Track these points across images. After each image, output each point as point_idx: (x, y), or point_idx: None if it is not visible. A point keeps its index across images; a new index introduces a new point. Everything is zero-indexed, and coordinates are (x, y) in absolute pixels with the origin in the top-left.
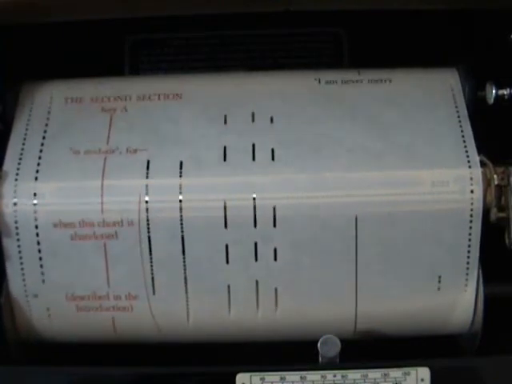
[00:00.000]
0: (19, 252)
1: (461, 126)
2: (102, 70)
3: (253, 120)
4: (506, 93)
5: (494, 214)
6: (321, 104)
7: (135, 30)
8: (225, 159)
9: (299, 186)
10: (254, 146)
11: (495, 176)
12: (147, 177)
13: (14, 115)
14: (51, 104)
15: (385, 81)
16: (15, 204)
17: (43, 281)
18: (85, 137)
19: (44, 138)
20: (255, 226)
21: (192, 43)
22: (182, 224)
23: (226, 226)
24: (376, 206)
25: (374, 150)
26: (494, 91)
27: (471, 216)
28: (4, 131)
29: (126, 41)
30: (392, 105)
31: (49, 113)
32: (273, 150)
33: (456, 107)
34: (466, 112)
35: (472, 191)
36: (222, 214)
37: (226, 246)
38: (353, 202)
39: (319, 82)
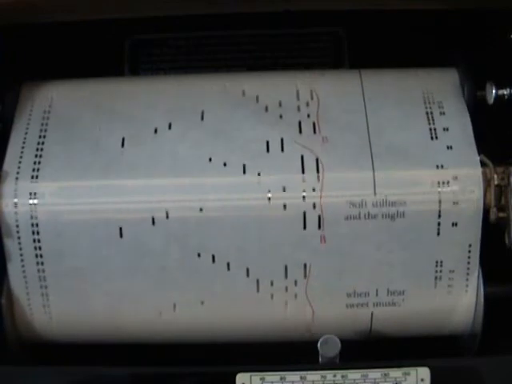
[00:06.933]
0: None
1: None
2: (102, 70)
3: None
4: (506, 93)
5: (494, 213)
6: None
7: (135, 30)
8: None
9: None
10: None
11: (495, 176)
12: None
13: (14, 115)
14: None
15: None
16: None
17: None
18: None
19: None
20: None
21: (192, 43)
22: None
23: None
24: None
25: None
26: (493, 91)
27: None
28: (4, 131)
29: (125, 41)
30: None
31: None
32: None
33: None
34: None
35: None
36: None
37: None
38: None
39: None
